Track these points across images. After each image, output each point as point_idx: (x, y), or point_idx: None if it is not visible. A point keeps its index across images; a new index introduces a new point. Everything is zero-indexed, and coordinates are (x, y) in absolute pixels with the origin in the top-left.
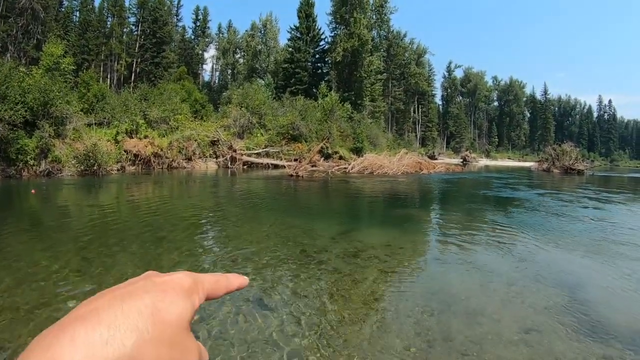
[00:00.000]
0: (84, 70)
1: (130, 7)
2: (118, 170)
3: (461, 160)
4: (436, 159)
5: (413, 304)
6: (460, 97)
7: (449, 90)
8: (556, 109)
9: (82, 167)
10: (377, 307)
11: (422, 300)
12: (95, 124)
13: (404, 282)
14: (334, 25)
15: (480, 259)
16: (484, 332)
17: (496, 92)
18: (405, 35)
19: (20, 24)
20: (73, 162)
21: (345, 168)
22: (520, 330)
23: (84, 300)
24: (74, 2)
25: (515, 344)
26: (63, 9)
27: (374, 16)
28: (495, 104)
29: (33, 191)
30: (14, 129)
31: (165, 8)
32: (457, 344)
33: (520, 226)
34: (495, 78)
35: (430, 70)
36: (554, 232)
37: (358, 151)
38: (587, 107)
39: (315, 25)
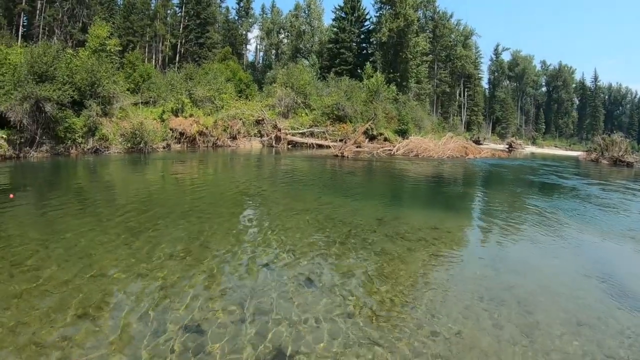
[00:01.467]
0: (130, 52)
1: None
2: (164, 148)
3: (507, 146)
4: (481, 144)
5: (462, 289)
6: (508, 82)
7: (496, 73)
8: (606, 97)
9: (129, 145)
10: (426, 290)
11: (472, 285)
12: (141, 103)
13: (452, 266)
14: (379, 5)
15: (528, 247)
16: (534, 322)
17: (544, 77)
18: (451, 16)
19: (65, 8)
20: (120, 139)
21: (390, 150)
22: (571, 323)
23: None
24: None
25: (566, 336)
26: None
27: None
28: (543, 89)
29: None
30: (62, 108)
31: None
32: (506, 333)
33: (570, 215)
34: (543, 62)
35: (477, 52)
36: (603, 223)
37: (403, 133)
38: (638, 96)
39: (360, 5)
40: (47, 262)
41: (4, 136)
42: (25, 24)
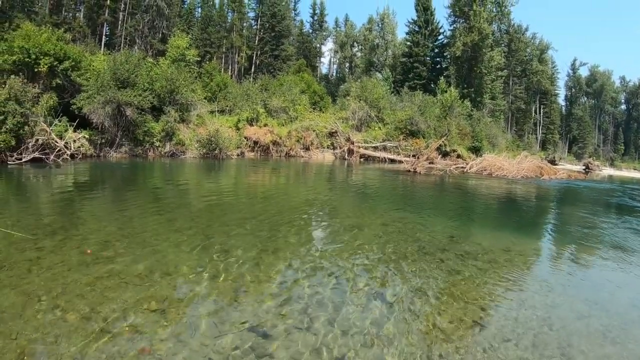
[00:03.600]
0: (207, 62)
1: (249, 2)
2: (238, 155)
3: (583, 167)
4: (556, 164)
5: (532, 315)
6: (585, 98)
7: (573, 90)
8: None
9: (204, 151)
10: (495, 314)
11: (542, 312)
12: (217, 111)
13: (523, 291)
14: (452, 19)
15: (604, 275)
16: (606, 355)
17: (624, 93)
18: (526, 30)
19: (146, 20)
20: (196, 145)
21: (462, 167)
22: None
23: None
24: None
25: None
26: (186, 6)
27: (494, 9)
28: (623, 107)
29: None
30: (142, 113)
31: (283, 3)
32: None
33: None
34: (623, 78)
35: (553, 67)
36: None
37: (476, 150)
38: None
39: (433, 18)
40: (124, 256)
41: (87, 136)
42: (107, 33)
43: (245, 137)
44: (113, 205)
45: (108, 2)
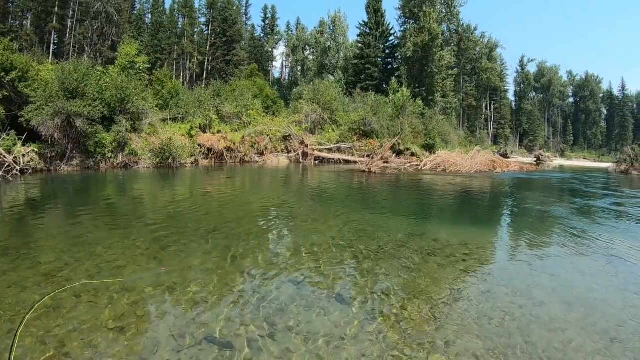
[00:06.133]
0: (158, 69)
1: (200, 7)
2: (192, 163)
3: (535, 159)
4: (508, 157)
5: (494, 306)
6: (534, 93)
7: (522, 85)
8: (635, 106)
9: (158, 160)
10: (457, 307)
11: (503, 302)
12: (170, 119)
13: (483, 282)
14: (403, 20)
15: (559, 262)
16: (567, 340)
17: (571, 87)
18: (475, 29)
19: (95, 27)
20: (149, 155)
21: (417, 165)
22: (604, 340)
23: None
24: (146, 5)
25: (599, 353)
26: (135, 12)
27: (443, 10)
28: (571, 100)
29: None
30: (93, 123)
31: (234, 8)
32: (540, 350)
33: (600, 229)
34: (570, 73)
35: (502, 65)
36: (635, 235)
37: (430, 148)
38: None
39: (384, 20)
40: (77, 273)
41: (36, 150)
42: (55, 41)
43: (198, 145)
44: (66, 221)
45: (56, 9)
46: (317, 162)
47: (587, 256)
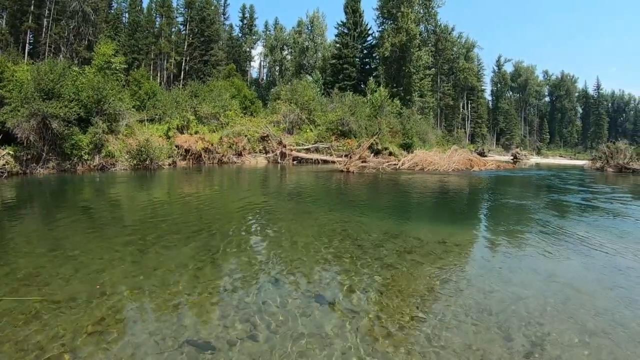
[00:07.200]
0: (135, 69)
1: (178, 7)
2: (169, 164)
3: (511, 157)
4: (486, 155)
5: (472, 302)
6: (511, 93)
7: (499, 85)
8: (609, 104)
9: (135, 162)
10: (436, 304)
11: (481, 298)
12: (147, 120)
13: (461, 279)
14: (381, 20)
15: (537, 258)
16: (545, 333)
17: (547, 87)
18: (453, 29)
19: (71, 26)
20: (126, 156)
21: (395, 164)
22: (582, 332)
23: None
24: (123, 4)
25: (577, 346)
26: (112, 11)
27: (421, 10)
28: (547, 99)
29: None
30: (69, 125)
31: (212, 7)
32: (517, 344)
33: (576, 224)
34: (546, 72)
35: (480, 64)
36: (609, 230)
37: (408, 147)
38: None
39: (362, 20)
40: (55, 278)
41: (11, 152)
42: (31, 41)
43: (176, 146)
44: (43, 225)
45: (32, 8)
46: (295, 162)
47: (564, 250)
